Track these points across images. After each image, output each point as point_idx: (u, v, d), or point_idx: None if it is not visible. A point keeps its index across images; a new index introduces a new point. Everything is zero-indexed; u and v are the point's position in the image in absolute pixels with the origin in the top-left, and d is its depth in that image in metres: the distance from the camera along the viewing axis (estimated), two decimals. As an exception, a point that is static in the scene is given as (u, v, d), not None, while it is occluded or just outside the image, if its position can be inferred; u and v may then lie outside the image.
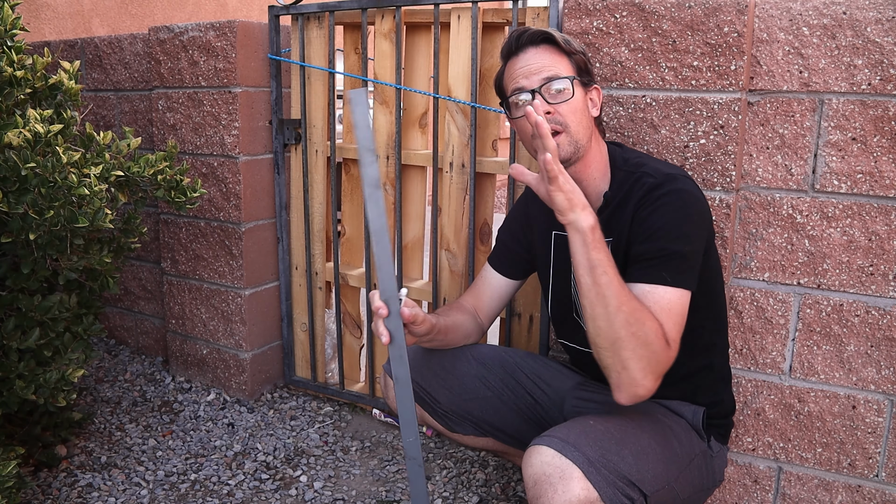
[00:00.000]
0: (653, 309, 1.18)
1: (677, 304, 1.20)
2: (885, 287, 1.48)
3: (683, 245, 1.22)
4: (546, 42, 1.32)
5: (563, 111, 1.29)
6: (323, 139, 2.17)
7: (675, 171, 1.30)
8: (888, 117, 1.43)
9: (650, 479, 1.19)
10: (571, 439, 1.15)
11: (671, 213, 1.23)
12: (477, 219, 1.99)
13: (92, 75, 2.54)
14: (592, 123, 1.35)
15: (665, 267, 1.21)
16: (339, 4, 2.01)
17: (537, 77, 1.30)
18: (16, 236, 1.52)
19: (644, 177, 1.29)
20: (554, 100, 1.29)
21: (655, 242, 1.23)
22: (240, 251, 2.22)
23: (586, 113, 1.32)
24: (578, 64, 1.33)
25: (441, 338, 1.44)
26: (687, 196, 1.25)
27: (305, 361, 2.36)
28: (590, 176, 1.36)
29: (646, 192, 1.27)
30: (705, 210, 1.28)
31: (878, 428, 1.53)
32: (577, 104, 1.30)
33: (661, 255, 1.21)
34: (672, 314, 1.19)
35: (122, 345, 2.73)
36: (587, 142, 1.32)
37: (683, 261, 1.21)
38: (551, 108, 1.29)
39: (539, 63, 1.30)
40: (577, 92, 1.30)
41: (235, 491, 1.83)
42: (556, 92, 1.29)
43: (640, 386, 1.14)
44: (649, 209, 1.25)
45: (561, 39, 1.31)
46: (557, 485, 1.11)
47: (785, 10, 1.48)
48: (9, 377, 1.60)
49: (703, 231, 1.27)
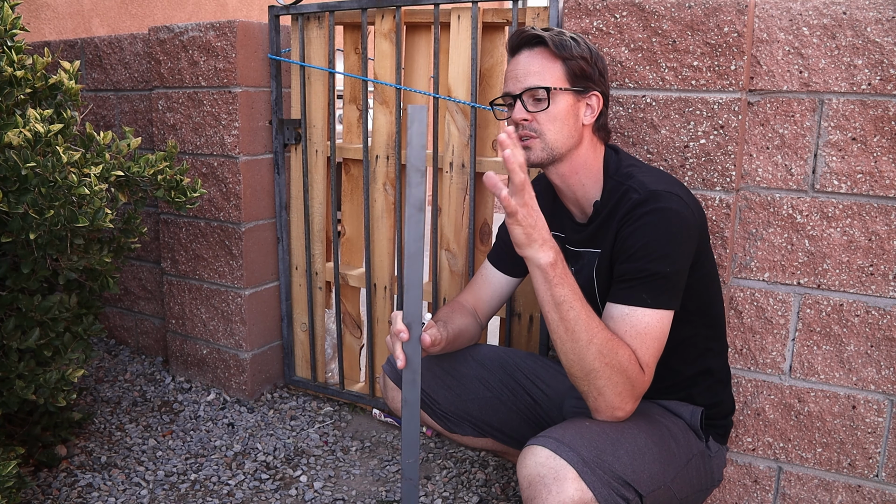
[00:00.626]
0: (629, 333, 1.20)
1: (656, 327, 1.20)
2: (885, 287, 1.48)
3: (664, 265, 1.21)
4: (540, 45, 1.31)
5: (541, 119, 1.30)
6: (323, 139, 2.17)
7: (661, 185, 1.27)
8: (888, 117, 1.43)
9: (646, 479, 1.19)
10: (567, 439, 1.15)
11: (652, 233, 1.23)
12: (477, 219, 1.99)
13: (92, 75, 2.54)
14: (582, 130, 1.34)
15: (645, 288, 1.21)
16: (339, 4, 2.02)
17: (521, 84, 1.31)
18: (16, 236, 1.52)
19: (630, 191, 1.28)
20: (533, 108, 1.30)
21: (636, 263, 1.23)
22: (240, 251, 2.22)
23: (569, 121, 1.31)
24: (573, 70, 1.30)
25: (449, 348, 1.45)
26: (670, 214, 1.23)
27: (305, 361, 2.36)
28: (578, 182, 1.36)
29: (629, 208, 1.26)
30: (692, 226, 1.25)
31: (878, 428, 1.53)
32: (557, 113, 1.30)
33: (642, 276, 1.22)
34: (648, 338, 1.20)
35: (122, 345, 2.73)
36: (567, 149, 1.32)
37: (665, 281, 1.21)
38: (529, 115, 1.30)
39: (526, 69, 1.31)
40: (559, 101, 1.30)
41: (235, 491, 1.83)
42: (536, 101, 1.30)
43: (618, 409, 1.19)
44: (631, 227, 1.25)
45: (553, 44, 1.29)
46: (552, 486, 1.11)
47: (785, 10, 1.48)
48: (9, 377, 1.60)
49: (686, 249, 1.25)
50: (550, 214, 1.48)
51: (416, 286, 1.13)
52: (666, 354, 1.38)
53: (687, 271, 1.26)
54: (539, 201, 1.51)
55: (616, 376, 1.15)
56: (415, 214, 1.11)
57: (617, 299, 1.23)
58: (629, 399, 1.18)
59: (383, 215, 2.12)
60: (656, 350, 1.21)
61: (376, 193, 2.11)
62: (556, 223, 1.46)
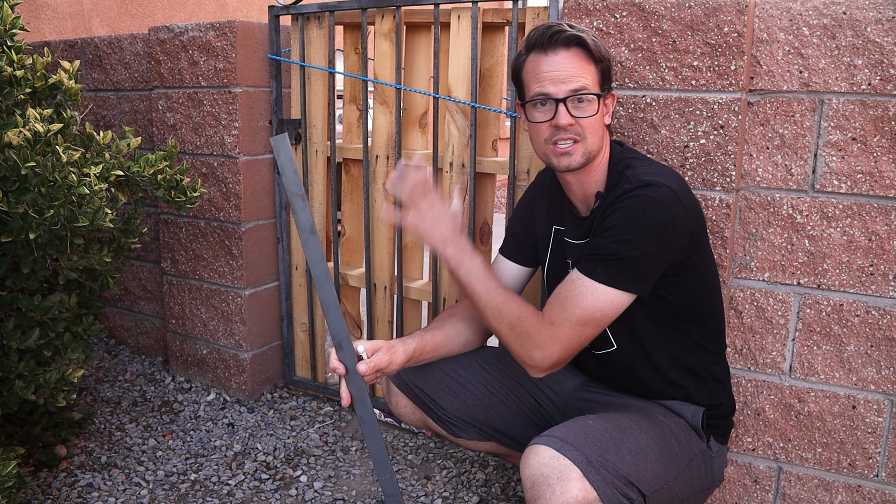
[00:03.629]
0: (560, 294, 1.28)
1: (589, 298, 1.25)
2: (885, 287, 1.48)
3: (625, 249, 1.22)
4: (579, 46, 1.29)
5: (584, 124, 1.29)
6: (323, 139, 2.17)
7: (656, 178, 1.26)
8: (888, 117, 1.43)
9: (649, 478, 1.19)
10: (570, 439, 1.15)
11: (624, 216, 1.24)
12: (477, 219, 1.99)
13: (92, 75, 2.54)
14: (604, 131, 1.35)
15: (600, 264, 1.24)
16: (339, 4, 2.01)
17: (565, 87, 1.27)
18: (16, 236, 1.52)
19: (623, 181, 1.29)
20: (577, 112, 1.28)
21: (601, 239, 1.26)
22: (240, 251, 2.22)
23: (601, 124, 1.32)
24: (603, 72, 1.31)
25: (430, 356, 1.45)
26: (650, 203, 1.22)
27: (305, 361, 2.36)
28: (591, 179, 1.37)
29: (617, 196, 1.27)
30: (675, 219, 1.24)
31: (878, 428, 1.53)
32: (596, 117, 1.30)
33: (601, 253, 1.25)
34: (576, 304, 1.26)
35: (122, 345, 2.73)
36: (598, 150, 1.33)
37: (622, 263, 1.23)
38: (573, 120, 1.28)
39: (568, 71, 1.27)
40: (596, 105, 1.30)
41: (235, 491, 1.83)
42: (581, 104, 1.28)
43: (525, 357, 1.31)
44: (611, 209, 1.27)
45: (593, 46, 1.28)
46: (555, 485, 1.11)
47: (785, 10, 1.48)
48: (9, 377, 1.60)
49: (662, 239, 1.23)
50: (554, 209, 1.48)
51: (334, 306, 1.18)
52: (664, 354, 1.38)
53: (661, 261, 1.26)
54: (542, 197, 1.52)
55: (511, 332, 1.30)
56: (309, 238, 1.15)
57: (577, 267, 1.29)
58: (532, 349, 1.28)
59: (383, 215, 2.12)
60: (577, 317, 1.25)
61: (376, 193, 2.11)
62: (559, 218, 1.47)
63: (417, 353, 1.39)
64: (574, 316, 1.26)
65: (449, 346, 1.48)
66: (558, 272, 1.46)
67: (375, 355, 1.30)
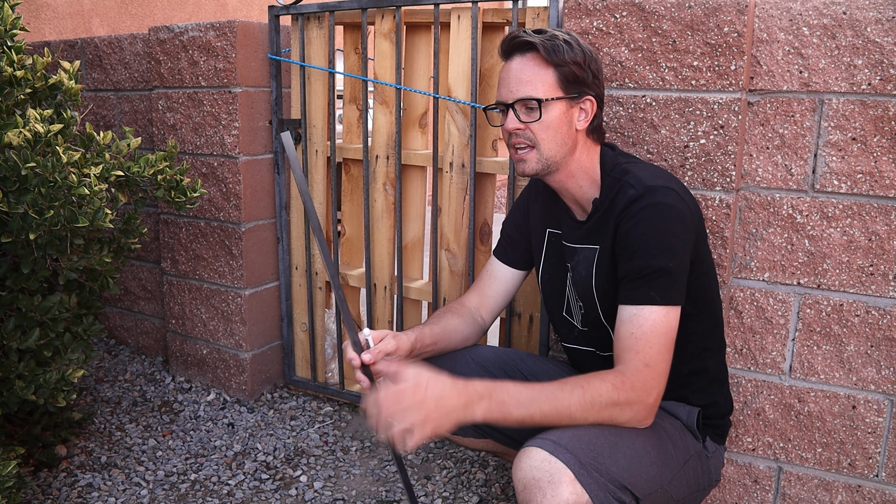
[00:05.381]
0: (635, 335, 1.21)
1: (662, 324, 1.21)
2: (885, 287, 1.48)
3: (667, 260, 1.22)
4: (531, 51, 1.29)
5: (535, 129, 1.29)
6: (323, 139, 2.17)
7: (657, 181, 1.27)
8: (888, 117, 1.43)
9: (643, 482, 1.19)
10: (564, 441, 1.14)
11: (651, 229, 1.23)
12: (477, 219, 1.99)
13: (92, 75, 2.54)
14: (576, 136, 1.33)
15: (651, 285, 1.22)
16: (339, 4, 2.01)
17: (512, 94, 1.30)
18: (16, 236, 1.52)
19: (626, 187, 1.28)
20: (526, 118, 1.30)
21: (639, 260, 1.23)
22: (240, 251, 2.22)
23: (563, 128, 1.30)
24: (566, 76, 1.28)
25: (429, 349, 1.45)
26: (666, 209, 1.23)
27: (305, 361, 2.36)
28: (575, 185, 1.36)
29: (626, 204, 1.26)
30: (689, 220, 1.26)
31: (878, 428, 1.53)
32: (550, 121, 1.29)
33: (646, 273, 1.22)
34: (654, 336, 1.21)
35: (122, 345, 2.73)
36: (563, 156, 1.32)
37: (669, 276, 1.22)
38: (522, 125, 1.30)
39: (518, 77, 1.29)
40: (552, 109, 1.29)
41: (235, 491, 1.83)
42: (528, 110, 1.30)
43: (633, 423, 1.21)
44: (630, 224, 1.25)
45: (545, 50, 1.27)
46: (546, 488, 1.10)
47: (785, 10, 1.48)
48: (9, 377, 1.60)
49: (686, 242, 1.26)
50: (548, 212, 1.48)
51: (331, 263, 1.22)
52: None
53: (688, 265, 1.27)
54: (536, 200, 1.52)
55: (606, 412, 1.18)
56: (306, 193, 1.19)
57: (625, 300, 1.24)
58: (632, 411, 1.20)
59: (383, 215, 2.12)
60: (662, 346, 1.21)
61: (376, 193, 2.11)
62: (554, 221, 1.46)
63: (418, 344, 1.40)
64: (661, 346, 1.22)
65: (447, 340, 1.49)
66: (555, 275, 1.46)
67: (382, 342, 1.32)
